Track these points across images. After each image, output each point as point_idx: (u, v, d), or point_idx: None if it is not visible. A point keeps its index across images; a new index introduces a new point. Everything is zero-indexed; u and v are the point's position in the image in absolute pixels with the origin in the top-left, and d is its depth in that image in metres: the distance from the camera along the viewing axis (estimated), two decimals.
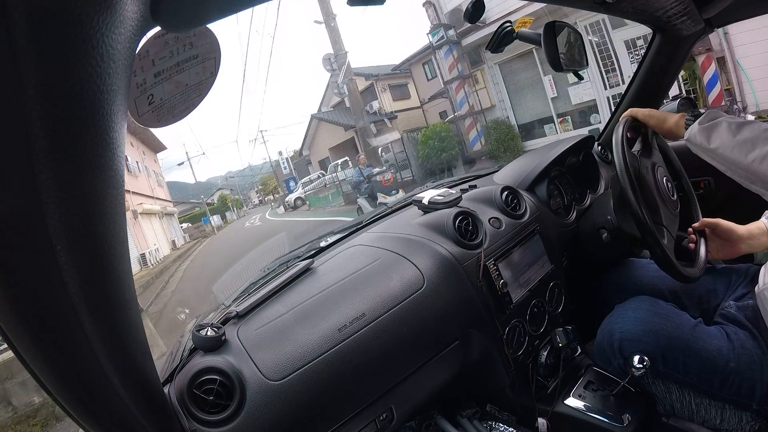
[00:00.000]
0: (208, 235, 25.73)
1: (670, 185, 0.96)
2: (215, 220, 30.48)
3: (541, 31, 0.90)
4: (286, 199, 20.28)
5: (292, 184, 22.26)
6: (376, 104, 17.63)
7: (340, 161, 17.99)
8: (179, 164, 31.83)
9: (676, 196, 0.95)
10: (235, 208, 39.18)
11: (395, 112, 17.80)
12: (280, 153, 26.98)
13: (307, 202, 15.94)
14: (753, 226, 0.92)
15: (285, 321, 0.70)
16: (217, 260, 9.91)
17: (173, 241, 21.01)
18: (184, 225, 30.12)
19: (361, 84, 18.68)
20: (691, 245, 0.91)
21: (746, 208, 0.92)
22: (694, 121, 0.80)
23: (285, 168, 25.53)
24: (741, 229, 0.93)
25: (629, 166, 0.80)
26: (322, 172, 19.81)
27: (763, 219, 0.91)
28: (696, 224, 1.02)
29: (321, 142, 21.19)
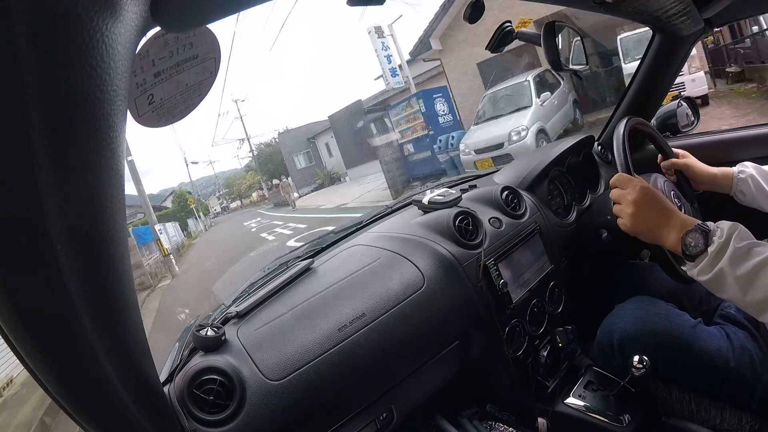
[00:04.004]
0: (149, 286, 9.00)
1: (668, 185, 0.96)
2: (170, 230, 14.64)
3: (540, 31, 0.90)
4: (465, 143, 7.45)
5: (444, 119, 9.00)
6: None
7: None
8: None
9: (676, 196, 0.95)
10: (201, 214, 26.32)
11: None
12: (381, 36, 9.21)
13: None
14: (719, 171, 0.96)
15: (285, 321, 0.70)
16: None
17: None
18: None
19: None
20: None
21: (746, 209, 0.92)
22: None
23: (398, 83, 9.68)
24: (707, 172, 0.98)
25: (630, 165, 0.80)
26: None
27: (735, 168, 0.93)
28: (666, 162, 1.04)
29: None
